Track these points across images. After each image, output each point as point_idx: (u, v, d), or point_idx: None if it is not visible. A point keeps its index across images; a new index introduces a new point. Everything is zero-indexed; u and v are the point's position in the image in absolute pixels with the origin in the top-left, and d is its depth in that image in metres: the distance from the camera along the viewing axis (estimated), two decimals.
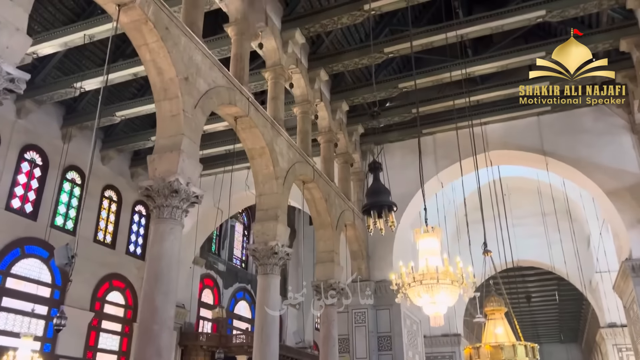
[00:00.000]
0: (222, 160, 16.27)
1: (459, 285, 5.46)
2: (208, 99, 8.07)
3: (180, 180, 6.99)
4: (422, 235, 5.90)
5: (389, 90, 13.56)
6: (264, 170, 9.87)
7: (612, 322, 19.37)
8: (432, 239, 5.88)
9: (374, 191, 8.32)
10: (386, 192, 8.00)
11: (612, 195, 13.01)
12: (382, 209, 7.70)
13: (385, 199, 7.89)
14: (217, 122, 14.18)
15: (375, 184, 8.41)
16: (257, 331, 9.04)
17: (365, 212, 7.84)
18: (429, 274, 5.43)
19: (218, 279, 20.55)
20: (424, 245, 5.95)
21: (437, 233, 5.90)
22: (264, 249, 9.44)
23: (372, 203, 7.93)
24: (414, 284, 5.37)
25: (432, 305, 5.58)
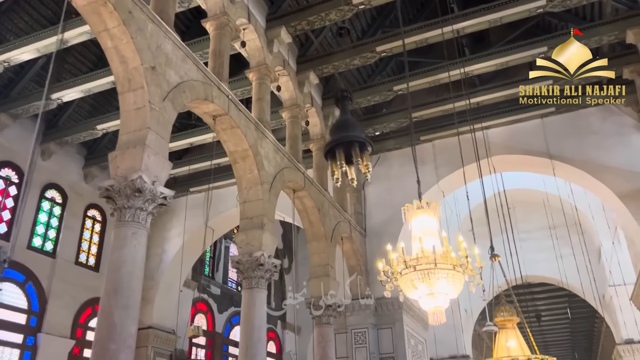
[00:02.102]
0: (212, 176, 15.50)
1: (462, 271, 4.53)
2: (180, 92, 7.32)
3: (144, 178, 6.19)
4: (415, 212, 4.99)
5: (384, 93, 12.84)
6: (247, 174, 9.07)
7: (630, 338, 18.23)
8: (427, 216, 4.93)
9: (340, 125, 5.67)
10: (356, 126, 5.38)
11: (625, 199, 12.15)
12: (352, 147, 5.36)
13: (356, 134, 5.51)
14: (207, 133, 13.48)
15: (343, 117, 5.68)
16: (241, 352, 8.11)
17: (329, 152, 5.27)
18: (424, 257, 4.50)
19: (212, 303, 19.50)
20: (418, 224, 5.01)
21: (434, 209, 4.99)
22: (248, 261, 8.58)
23: (337, 139, 5.49)
24: (406, 271, 4.44)
25: (430, 298, 4.64)
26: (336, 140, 4.85)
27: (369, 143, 4.77)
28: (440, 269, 4.30)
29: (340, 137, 4.97)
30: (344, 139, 4.93)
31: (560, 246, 18.93)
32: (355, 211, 14.24)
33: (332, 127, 5.57)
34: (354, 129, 4.84)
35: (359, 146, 4.78)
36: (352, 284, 13.59)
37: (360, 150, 4.70)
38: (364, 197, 14.87)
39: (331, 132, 5.36)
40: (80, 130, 13.87)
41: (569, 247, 18.67)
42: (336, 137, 5.01)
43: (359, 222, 14.20)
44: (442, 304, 4.70)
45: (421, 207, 4.90)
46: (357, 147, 4.69)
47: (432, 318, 4.64)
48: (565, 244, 18.82)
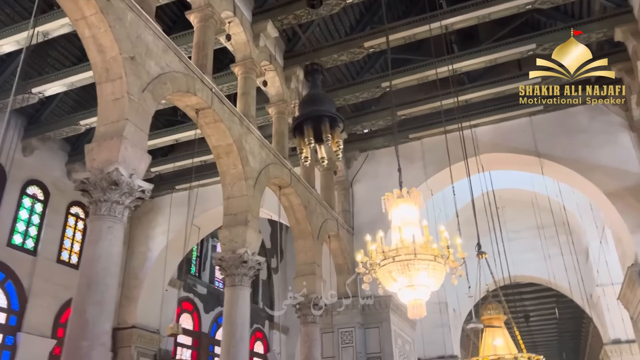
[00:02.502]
0: (198, 174, 15.28)
1: (444, 262, 4.36)
2: (161, 83, 7.13)
3: (121, 170, 5.99)
4: (395, 202, 4.82)
5: (372, 90, 12.70)
6: (231, 170, 8.88)
7: (617, 338, 18.21)
8: (408, 205, 4.77)
9: (309, 99, 4.65)
10: (327, 100, 4.59)
11: (613, 197, 12.09)
12: (321, 122, 4.63)
13: (326, 108, 4.73)
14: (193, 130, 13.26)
15: (313, 91, 4.87)
16: (223, 350, 7.92)
17: (297, 128, 4.48)
18: (403, 248, 4.34)
19: (198, 303, 19.24)
20: (398, 214, 4.84)
21: (415, 198, 4.83)
22: (231, 258, 8.39)
23: (305, 114, 4.67)
24: (384, 262, 4.27)
25: (410, 291, 4.46)
26: (304, 115, 4.26)
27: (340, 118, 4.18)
28: (421, 259, 4.12)
29: (308, 111, 4.37)
30: (313, 114, 4.31)
31: (548, 246, 18.95)
32: (343, 209, 14.10)
33: (300, 101, 4.79)
34: (324, 103, 4.26)
35: (329, 121, 4.20)
36: (339, 282, 13.46)
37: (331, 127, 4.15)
38: (352, 195, 14.73)
39: (300, 107, 4.66)
40: (63, 125, 13.59)
41: (557, 247, 18.71)
42: (304, 112, 4.41)
43: (347, 221, 14.06)
44: (422, 296, 4.47)
45: (401, 196, 4.74)
46: (326, 122, 4.11)
47: (412, 311, 4.45)
48: (554, 243, 18.86)
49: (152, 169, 15.49)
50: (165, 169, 15.44)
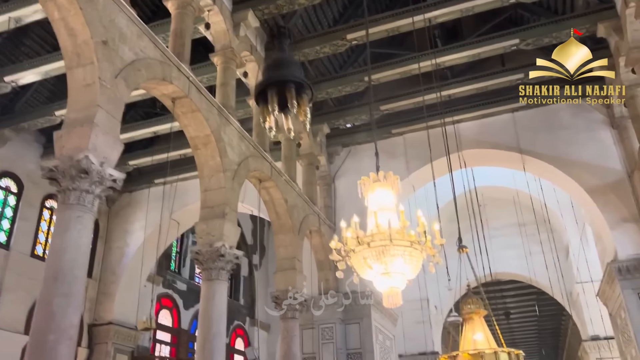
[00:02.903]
0: (177, 167, 15.00)
1: (421, 249, 4.22)
2: (135, 70, 6.89)
3: (91, 158, 5.76)
4: (371, 186, 4.67)
5: (355, 84, 12.57)
6: (209, 161, 8.67)
7: (596, 334, 18.37)
8: (384, 190, 4.63)
9: (274, 64, 4.36)
10: (294, 65, 4.19)
11: (594, 194, 12.13)
12: (286, 87, 4.17)
13: (292, 73, 4.26)
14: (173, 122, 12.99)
15: (279, 56, 4.21)
16: (199, 345, 7.72)
17: (260, 95, 4.08)
18: (379, 234, 4.20)
19: (177, 299, 18.95)
20: (374, 199, 4.63)
21: (392, 182, 4.68)
22: (208, 251, 8.19)
23: (268, 79, 4.19)
24: (359, 248, 4.12)
25: (385, 279, 4.27)
26: (267, 80, 3.81)
27: (307, 85, 3.75)
28: (397, 245, 3.98)
29: (272, 76, 3.88)
30: (277, 79, 3.83)
31: (529, 243, 19.06)
32: (325, 205, 13.95)
33: (266, 66, 4.21)
34: (290, 67, 3.77)
35: (296, 88, 3.76)
36: (321, 278, 13.32)
37: (297, 94, 3.73)
38: (334, 190, 14.59)
39: (263, 73, 4.10)
40: (38, 116, 13.21)
41: (538, 244, 18.81)
42: (268, 77, 3.91)
43: (329, 216, 13.92)
44: (398, 284, 4.32)
45: (378, 180, 4.59)
46: (292, 88, 3.68)
47: (387, 300, 4.28)
48: (535, 241, 18.96)
49: (130, 162, 15.20)
50: (143, 163, 15.13)
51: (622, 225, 11.57)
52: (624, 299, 11.12)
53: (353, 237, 4.10)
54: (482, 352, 6.61)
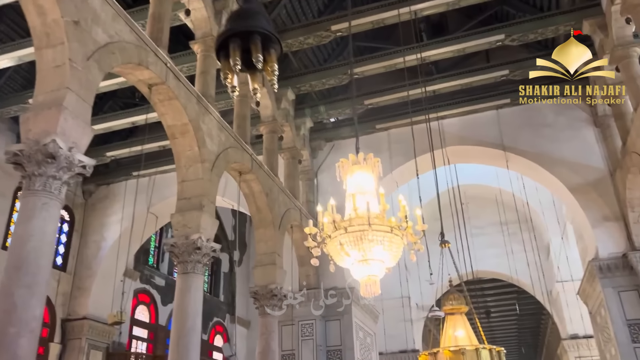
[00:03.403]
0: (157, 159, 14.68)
1: (401, 235, 4.04)
2: (108, 53, 6.61)
3: (59, 142, 5.47)
4: (350, 169, 4.46)
5: (339, 77, 12.38)
6: (187, 151, 8.40)
7: (575, 333, 18.47)
8: (363, 172, 4.41)
9: (239, 14, 3.82)
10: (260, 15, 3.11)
11: (576, 192, 12.11)
12: (251, 39, 3.48)
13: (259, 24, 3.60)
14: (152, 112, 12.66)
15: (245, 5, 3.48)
16: (173, 340, 7.46)
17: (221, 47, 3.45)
18: (357, 218, 3.98)
19: (155, 295, 18.57)
20: (353, 182, 4.40)
21: (372, 165, 4.48)
22: (184, 244, 7.92)
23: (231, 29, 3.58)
24: (335, 233, 3.90)
25: (363, 266, 4.05)
26: (229, 31, 3.34)
27: (276, 38, 3.30)
28: (376, 230, 3.77)
29: (235, 26, 3.39)
30: (240, 29, 3.37)
31: (511, 242, 19.08)
32: (307, 199, 13.74)
33: (229, 16, 3.71)
34: (257, 18, 3.28)
35: (262, 41, 3.29)
36: (301, 274, 13.12)
37: (264, 48, 3.29)
38: (317, 185, 14.40)
39: (226, 24, 3.63)
40: (12, 103, 12.80)
41: (519, 243, 18.87)
42: (230, 27, 3.43)
43: (311, 211, 13.68)
44: (376, 272, 4.09)
45: (357, 163, 4.38)
46: (258, 40, 3.22)
47: (365, 289, 4.05)
48: (516, 240, 19.00)
49: (107, 154, 14.83)
50: (121, 154, 14.75)
51: (604, 223, 11.56)
52: (605, 298, 11.11)
53: (329, 221, 3.88)
54: (463, 348, 6.47)
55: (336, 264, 4.19)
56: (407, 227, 3.96)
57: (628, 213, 11.16)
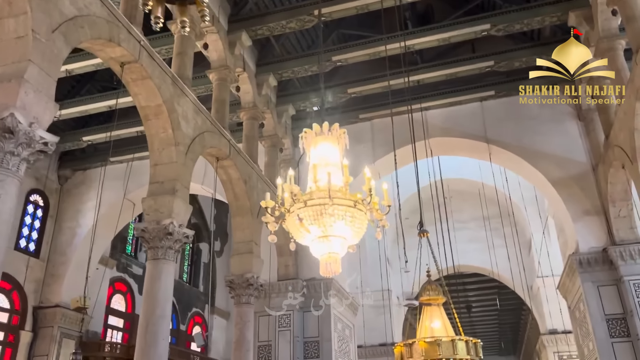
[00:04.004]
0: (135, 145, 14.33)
1: (365, 211, 3.84)
2: (76, 26, 6.30)
3: (18, 117, 5.18)
4: (314, 140, 4.20)
5: (323, 64, 12.10)
6: (160, 133, 8.12)
7: (554, 328, 18.54)
8: (329, 144, 4.14)
9: None
10: None
11: (558, 186, 12.03)
12: None
13: None
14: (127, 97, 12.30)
15: None
16: (141, 328, 7.21)
17: None
18: (318, 191, 3.72)
19: (133, 284, 18.25)
20: (317, 154, 4.05)
21: (338, 137, 4.23)
22: (155, 229, 7.66)
23: None
24: (295, 207, 3.62)
25: (323, 243, 3.71)
26: None
27: None
28: (338, 204, 3.54)
29: None
30: None
31: (493, 237, 19.05)
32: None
33: None
34: None
35: None
36: (280, 264, 12.91)
37: None
38: (298, 174, 14.13)
39: None
40: None
41: (501, 238, 18.82)
42: None
43: None
44: (337, 249, 3.76)
45: (322, 133, 4.14)
46: None
47: (324, 268, 3.77)
48: (498, 235, 19.00)
49: (84, 138, 14.45)
50: (98, 139, 14.36)
51: (585, 218, 11.50)
52: (584, 292, 11.06)
53: (288, 193, 3.63)
54: (439, 339, 6.31)
55: (296, 241, 3.95)
56: (372, 202, 3.71)
57: (609, 207, 11.10)
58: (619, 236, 10.99)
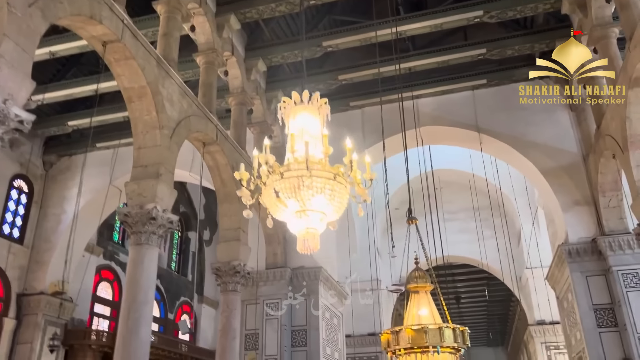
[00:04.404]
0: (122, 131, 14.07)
1: (346, 184, 3.56)
2: (55, 2, 6.08)
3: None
4: (293, 109, 3.96)
5: (312, 49, 11.92)
6: (144, 116, 7.92)
7: (542, 319, 18.61)
8: (309, 114, 3.92)
9: None
10: None
11: (548, 176, 11.98)
12: None
13: None
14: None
15: None
16: (123, 313, 7.05)
17: None
18: (295, 163, 3.46)
19: (119, 272, 18.06)
20: (296, 125, 3.83)
21: (318, 107, 4.04)
22: (138, 214, 7.48)
23: None
24: (271, 179, 3.42)
25: (302, 219, 3.47)
26: None
27: None
28: (316, 176, 3.36)
29: None
30: None
31: (482, 228, 19.02)
32: None
33: None
34: None
35: None
36: (268, 253, 12.77)
37: None
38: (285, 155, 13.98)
39: None
40: None
41: (491, 229, 18.81)
42: None
43: None
44: (315, 225, 3.54)
45: (302, 103, 3.96)
46: None
47: (302, 244, 3.62)
48: (488, 226, 18.99)
49: (69, 123, 14.18)
50: (84, 124, 14.10)
51: (575, 208, 11.46)
52: (572, 282, 11.02)
53: (262, 162, 3.45)
54: (426, 327, 6.21)
55: (274, 217, 3.78)
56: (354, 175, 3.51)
57: (599, 198, 11.05)
58: (608, 227, 10.95)
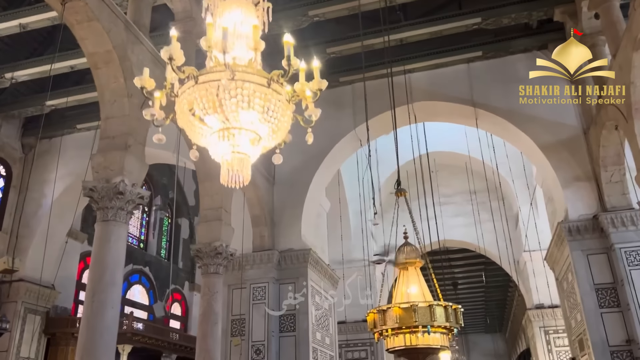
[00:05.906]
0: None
1: (285, 94, 2.60)
2: None
3: None
4: (221, 4, 3.05)
5: (298, 18, 11.30)
6: (111, 83, 7.33)
7: (540, 303, 18.15)
8: (243, 11, 3.01)
9: None
10: None
11: (547, 151, 11.43)
12: None
13: None
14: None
15: None
16: (87, 296, 6.51)
17: None
18: (217, 66, 2.59)
19: None
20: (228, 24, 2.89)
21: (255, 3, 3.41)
22: (104, 188, 6.91)
23: None
24: (183, 88, 2.73)
25: (226, 140, 2.64)
26: None
27: None
28: (244, 80, 2.46)
29: None
30: None
31: (479, 211, 18.58)
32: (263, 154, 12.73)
33: None
34: None
35: None
36: (255, 235, 12.25)
37: None
38: None
39: None
40: None
41: (488, 212, 18.42)
42: None
43: (268, 169, 12.74)
44: (245, 149, 2.74)
45: None
46: None
47: (226, 175, 2.84)
48: (485, 209, 18.54)
49: (47, 103, 13.55)
50: (61, 103, 13.48)
51: (575, 184, 10.93)
52: (572, 261, 10.52)
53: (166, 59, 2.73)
54: (415, 305, 5.68)
55: (192, 141, 3.07)
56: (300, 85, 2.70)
57: (600, 172, 10.53)
58: (610, 202, 10.43)
